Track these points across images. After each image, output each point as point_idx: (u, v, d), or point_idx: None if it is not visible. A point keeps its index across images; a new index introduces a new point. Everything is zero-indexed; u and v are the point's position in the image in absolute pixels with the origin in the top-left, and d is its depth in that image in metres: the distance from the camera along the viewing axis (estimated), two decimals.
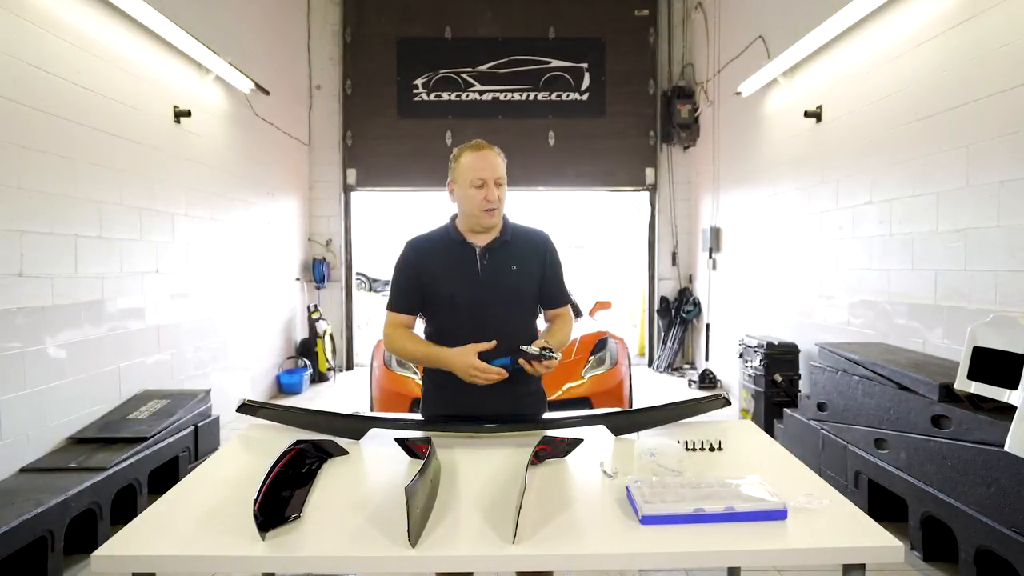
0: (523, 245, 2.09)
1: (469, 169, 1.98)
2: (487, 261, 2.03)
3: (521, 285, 2.06)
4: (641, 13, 7.67)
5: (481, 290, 2.01)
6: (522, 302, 2.09)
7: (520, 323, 2.08)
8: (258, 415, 1.97)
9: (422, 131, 7.60)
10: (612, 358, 4.46)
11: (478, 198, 1.97)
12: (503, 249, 2.05)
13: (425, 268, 2.04)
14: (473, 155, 2.00)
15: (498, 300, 2.02)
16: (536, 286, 2.10)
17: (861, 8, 3.92)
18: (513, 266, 2.04)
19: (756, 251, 5.86)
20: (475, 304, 2.00)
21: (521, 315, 2.09)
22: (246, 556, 1.21)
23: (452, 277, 2.02)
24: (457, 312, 2.01)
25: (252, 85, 5.39)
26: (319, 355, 6.97)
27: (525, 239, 2.11)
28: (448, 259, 2.04)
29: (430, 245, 2.08)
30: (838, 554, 1.23)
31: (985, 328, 2.43)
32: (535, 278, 2.09)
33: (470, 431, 1.91)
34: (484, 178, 1.97)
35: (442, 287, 2.02)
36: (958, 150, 3.29)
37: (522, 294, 2.07)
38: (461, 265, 2.02)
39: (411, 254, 2.08)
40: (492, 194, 1.97)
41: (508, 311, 2.04)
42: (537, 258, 2.10)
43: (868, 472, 3.18)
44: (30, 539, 2.52)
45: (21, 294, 3.06)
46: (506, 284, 2.03)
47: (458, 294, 2.01)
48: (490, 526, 1.31)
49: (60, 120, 3.32)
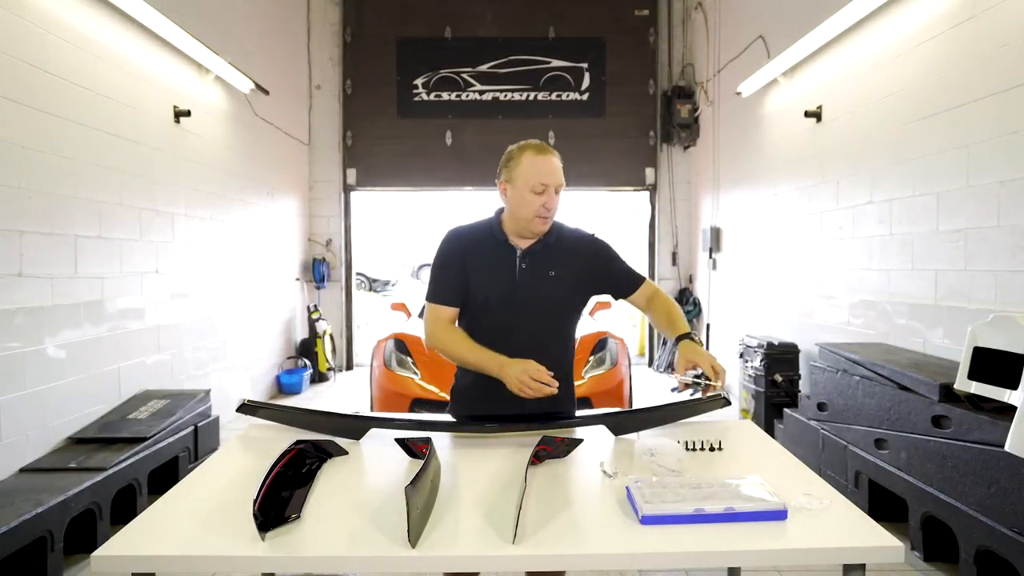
0: (565, 250, 1.99)
1: (531, 172, 1.86)
2: (525, 265, 1.95)
3: (556, 293, 1.96)
4: (641, 13, 7.67)
5: (515, 295, 1.93)
6: (555, 311, 2.00)
7: (550, 332, 2.00)
8: (258, 415, 1.97)
9: (422, 131, 7.60)
10: (612, 358, 4.46)
11: (536, 204, 1.87)
12: (543, 253, 1.96)
13: (466, 262, 1.96)
14: (537, 158, 1.88)
15: (530, 307, 1.94)
16: (578, 293, 2.02)
17: (861, 8, 3.91)
18: (551, 272, 1.95)
19: (756, 251, 5.86)
20: (506, 308, 1.93)
21: (552, 324, 2.00)
22: (246, 556, 1.21)
23: (488, 277, 1.94)
24: (488, 314, 1.94)
25: (252, 85, 5.39)
26: (319, 355, 6.97)
27: (569, 243, 2.01)
28: (488, 258, 1.96)
29: (472, 239, 1.99)
30: (838, 554, 1.23)
31: (985, 328, 2.43)
32: (577, 284, 2.00)
33: (470, 431, 1.91)
34: (547, 184, 1.86)
35: (478, 286, 1.94)
36: (958, 150, 3.29)
37: (556, 303, 1.98)
38: (499, 266, 1.95)
39: (455, 245, 1.99)
40: (552, 202, 1.88)
41: (539, 319, 1.96)
42: (580, 263, 1.99)
43: (868, 472, 3.18)
44: (30, 539, 2.52)
45: (21, 294, 3.05)
46: (541, 291, 1.94)
47: (492, 297, 1.94)
48: (490, 526, 1.31)
49: (60, 120, 3.32)
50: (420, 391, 4.24)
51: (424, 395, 4.22)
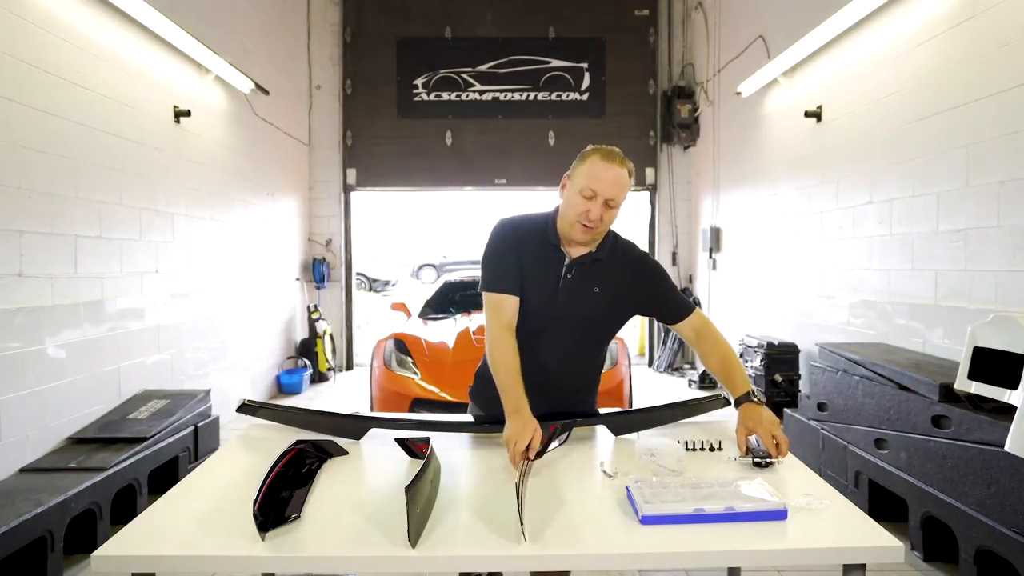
0: (614, 267, 1.88)
1: (587, 175, 1.75)
2: (571, 276, 1.85)
3: (596, 311, 1.87)
4: (641, 13, 7.67)
5: (554, 306, 1.85)
6: (590, 328, 1.91)
7: (580, 347, 1.93)
8: (258, 415, 1.97)
9: (422, 131, 7.61)
10: (612, 358, 4.46)
11: (579, 209, 1.75)
12: (592, 267, 1.86)
13: (521, 257, 1.85)
14: (601, 163, 1.75)
15: (567, 321, 1.86)
16: (618, 313, 1.93)
17: (861, 8, 3.92)
18: (596, 288, 1.85)
19: (756, 251, 5.86)
20: (542, 315, 1.85)
21: (584, 340, 1.92)
22: (246, 556, 1.21)
23: (534, 280, 1.84)
24: (524, 318, 1.83)
25: (252, 85, 5.39)
26: (319, 355, 6.97)
27: (621, 260, 1.90)
28: (535, 258, 1.85)
29: (527, 234, 1.89)
30: (838, 554, 1.23)
31: (985, 328, 2.43)
32: (621, 306, 1.91)
33: (471, 431, 1.91)
34: (596, 191, 1.73)
35: (523, 288, 1.84)
36: (958, 150, 3.29)
37: (593, 320, 1.90)
38: (544, 271, 1.85)
39: (511, 234, 1.88)
40: (595, 212, 1.74)
41: (571, 332, 1.88)
42: (626, 284, 1.89)
43: (868, 472, 3.18)
44: (30, 539, 2.51)
45: (21, 294, 3.05)
46: (580, 306, 1.85)
47: (531, 298, 1.84)
48: (490, 526, 1.31)
49: (60, 120, 3.32)
50: (420, 391, 4.24)
51: (424, 395, 4.22)
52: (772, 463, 1.60)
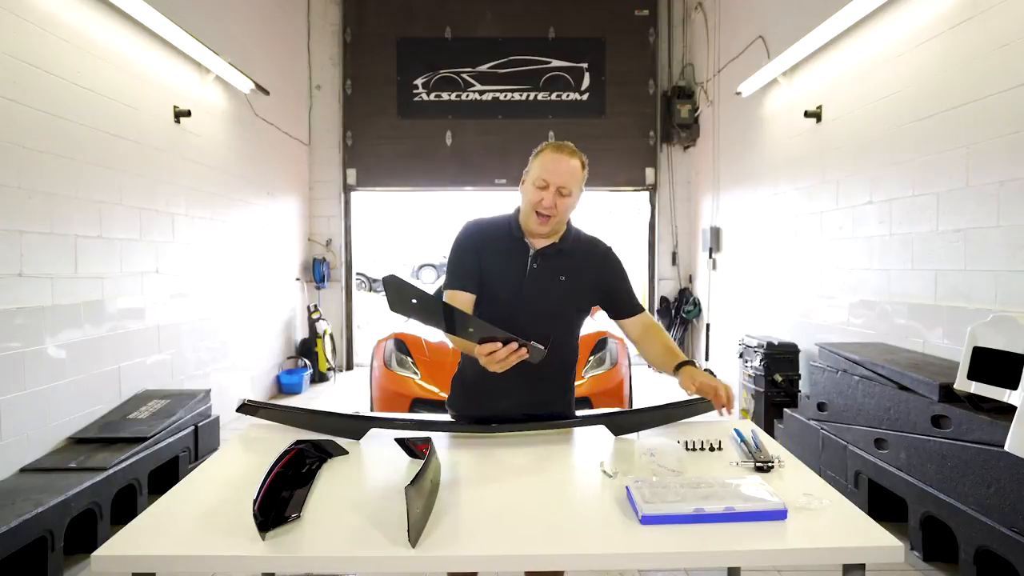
0: (579, 256, 1.99)
1: (540, 166, 1.88)
2: (537, 266, 1.95)
3: (565, 298, 1.97)
4: (641, 13, 7.67)
5: (523, 295, 1.93)
6: (561, 315, 2.00)
7: (557, 336, 1.95)
8: (258, 415, 1.97)
9: (422, 131, 7.60)
10: (612, 358, 4.46)
11: (535, 199, 1.87)
12: (556, 257, 1.96)
13: (483, 254, 1.95)
14: (552, 155, 1.88)
15: (537, 308, 1.94)
16: (584, 300, 2.02)
17: (861, 8, 3.91)
18: (561, 276, 1.95)
19: (756, 251, 5.86)
20: (511, 306, 1.93)
21: (559, 328, 1.99)
22: (246, 556, 1.21)
23: (499, 274, 1.94)
24: (493, 308, 1.93)
25: (252, 85, 5.39)
26: (319, 355, 6.97)
27: (583, 250, 2.01)
28: (502, 254, 1.96)
29: (490, 231, 1.99)
30: (838, 554, 1.23)
31: (985, 328, 2.43)
32: (585, 292, 2.00)
33: (471, 431, 1.91)
34: (548, 180, 1.85)
35: (490, 281, 1.94)
36: (958, 150, 3.29)
37: (564, 306, 1.99)
38: (510, 264, 1.95)
39: (474, 235, 1.99)
40: (548, 200, 1.86)
41: (542, 321, 1.94)
42: (591, 270, 2.00)
43: (868, 472, 3.18)
44: (30, 539, 2.52)
45: (21, 294, 3.06)
46: (549, 294, 1.94)
47: (500, 293, 1.94)
48: (490, 526, 1.31)
49: (60, 120, 3.32)
50: (420, 391, 4.24)
51: (424, 395, 4.22)
52: (772, 466, 1.60)
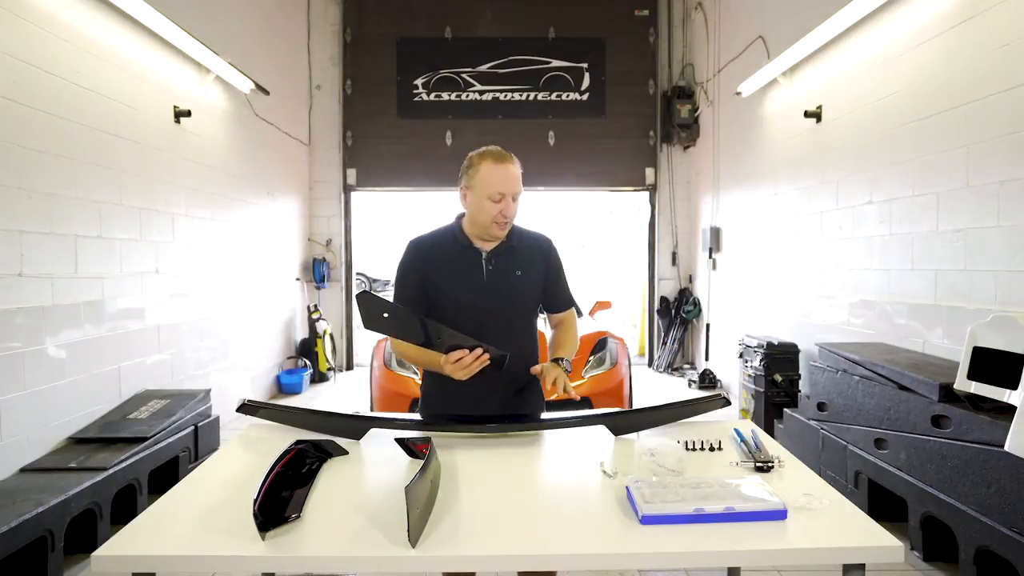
0: (527, 251, 2.08)
1: (490, 181, 1.92)
2: (492, 266, 2.01)
3: (525, 290, 2.06)
4: (641, 13, 7.67)
5: (486, 295, 1.99)
6: (526, 307, 2.10)
7: (522, 327, 2.09)
8: (258, 415, 1.97)
9: (422, 131, 7.60)
10: (612, 358, 4.46)
11: (494, 211, 1.93)
12: (508, 254, 2.04)
13: (430, 270, 2.01)
14: (496, 167, 1.94)
15: (502, 305, 2.01)
16: (539, 291, 2.11)
17: (861, 8, 3.91)
18: (517, 271, 2.03)
19: (756, 251, 5.86)
20: (479, 308, 1.99)
21: (523, 320, 2.09)
22: (246, 556, 1.21)
23: (457, 281, 2.00)
24: (461, 316, 1.97)
25: (252, 85, 5.39)
26: (319, 355, 6.97)
27: (529, 244, 2.10)
28: (453, 262, 2.01)
29: (434, 246, 2.06)
30: (838, 554, 1.23)
31: (985, 328, 2.43)
32: (538, 283, 2.09)
33: (471, 431, 1.91)
34: (504, 192, 1.92)
35: (446, 290, 2.00)
36: (958, 150, 3.29)
37: (525, 299, 2.08)
38: (466, 269, 2.01)
39: (416, 255, 2.05)
40: (509, 209, 1.94)
41: (511, 315, 2.04)
42: (541, 263, 2.10)
43: (868, 472, 3.18)
44: (30, 539, 2.52)
45: (21, 294, 3.05)
46: (510, 289, 2.02)
47: (463, 299, 1.99)
48: (490, 526, 1.31)
49: (60, 120, 3.32)
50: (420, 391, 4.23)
51: None
52: (772, 466, 1.61)
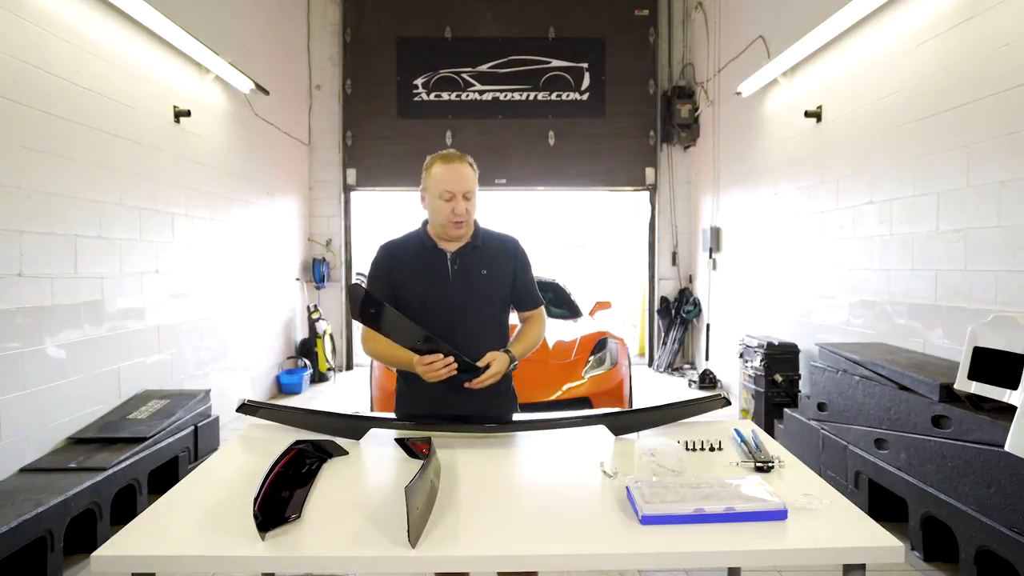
0: (493, 251, 2.12)
1: (439, 181, 1.99)
2: (457, 266, 2.06)
3: (491, 289, 2.10)
4: (641, 13, 7.67)
5: (452, 294, 2.04)
6: (492, 305, 2.12)
7: (490, 324, 2.11)
8: (258, 415, 1.97)
9: (422, 131, 7.60)
10: (612, 358, 4.46)
11: (446, 211, 1.99)
12: (473, 254, 2.08)
13: (397, 272, 2.07)
14: (444, 167, 2.01)
15: (468, 303, 2.05)
16: (506, 289, 2.14)
17: (861, 8, 3.91)
18: (483, 271, 2.07)
19: (756, 251, 5.86)
20: (446, 308, 2.03)
21: (491, 317, 2.12)
22: (246, 556, 1.21)
23: (423, 281, 2.05)
24: (428, 315, 2.01)
25: (252, 85, 5.39)
26: (319, 355, 6.97)
27: (495, 245, 2.14)
28: (419, 264, 2.07)
29: (402, 249, 2.11)
30: (838, 554, 1.23)
31: (985, 328, 2.43)
32: (505, 282, 2.13)
33: (471, 431, 1.91)
34: (453, 191, 1.98)
35: (413, 291, 2.05)
36: (958, 150, 3.29)
37: (492, 297, 2.11)
38: (432, 270, 2.06)
39: (384, 258, 2.11)
40: (460, 207, 1.99)
41: (478, 314, 2.08)
42: (507, 263, 2.13)
43: (868, 472, 3.18)
44: (30, 539, 2.51)
45: (21, 294, 3.05)
46: (476, 288, 2.06)
47: (429, 298, 2.04)
48: (490, 526, 1.31)
49: (60, 120, 3.32)
50: None
51: None
52: (772, 466, 1.61)
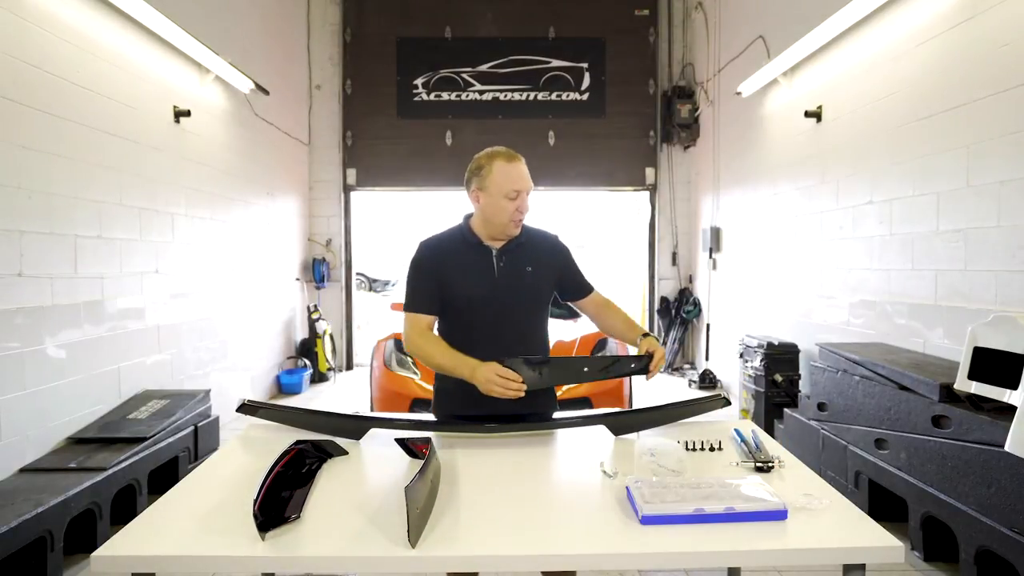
0: (537, 247, 2.11)
1: (504, 180, 1.95)
2: (503, 263, 2.03)
3: (536, 286, 2.08)
4: (641, 13, 7.67)
5: (498, 292, 2.01)
6: (538, 303, 2.11)
7: (535, 323, 2.11)
8: (258, 415, 1.97)
9: (422, 131, 7.60)
10: None
11: (510, 209, 1.97)
12: (518, 251, 2.06)
13: (442, 269, 2.03)
14: (508, 166, 1.97)
15: (514, 301, 2.03)
16: (550, 286, 2.13)
17: (861, 8, 3.91)
18: (528, 267, 2.05)
19: (756, 251, 5.86)
20: (492, 306, 2.01)
21: (536, 315, 2.11)
22: (246, 556, 1.21)
23: (469, 279, 2.01)
24: (474, 313, 2.00)
25: (252, 85, 5.38)
26: (319, 355, 6.97)
27: (539, 242, 2.13)
28: (464, 261, 2.03)
29: (445, 246, 2.08)
30: (838, 554, 1.23)
31: (985, 328, 2.43)
32: (549, 279, 2.11)
33: (471, 431, 1.91)
34: (520, 190, 1.96)
35: (459, 289, 2.01)
36: (958, 150, 3.29)
37: (537, 295, 2.10)
38: (478, 267, 2.03)
39: (427, 255, 2.07)
40: (524, 206, 1.98)
41: (524, 312, 2.06)
42: (551, 259, 2.12)
43: (868, 472, 3.18)
44: (30, 539, 2.51)
45: (21, 294, 3.05)
46: (522, 285, 2.04)
47: (475, 296, 2.01)
48: (490, 526, 1.31)
49: (60, 120, 3.32)
50: (420, 391, 4.24)
51: (424, 395, 4.21)
52: (772, 466, 1.61)
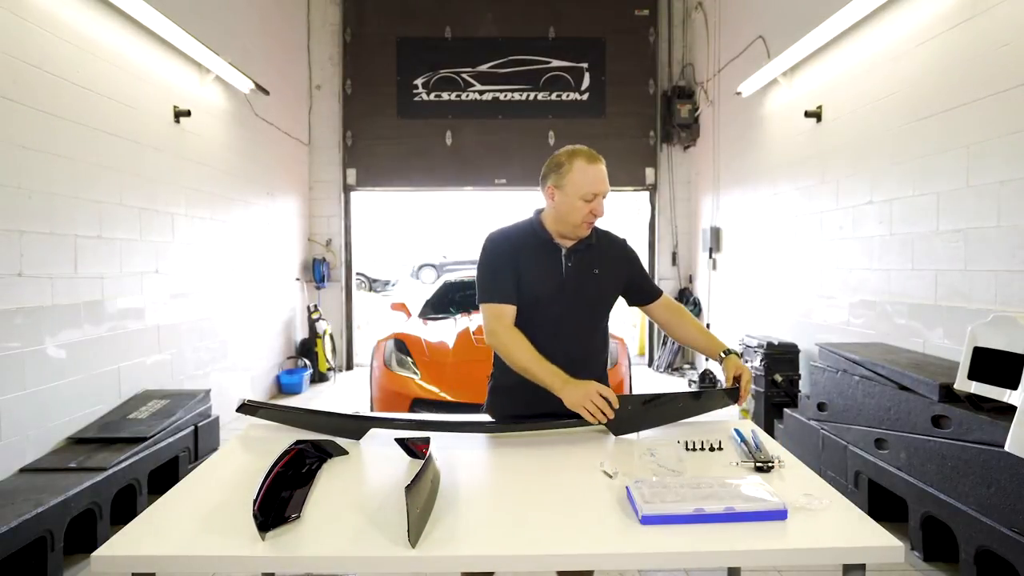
0: (605, 250, 2.09)
1: (584, 181, 1.93)
2: (571, 263, 2.02)
3: (602, 289, 2.06)
4: (641, 13, 7.67)
5: (564, 292, 2.00)
6: (602, 306, 2.10)
7: (597, 325, 2.10)
8: (258, 415, 1.97)
9: (422, 131, 7.61)
10: (612, 358, 4.46)
11: (584, 211, 1.94)
12: (588, 252, 2.04)
13: (516, 261, 2.00)
14: (588, 166, 1.94)
15: (579, 303, 2.02)
16: (616, 291, 2.12)
17: (861, 8, 3.92)
18: (595, 270, 2.03)
19: (756, 251, 5.86)
20: (556, 305, 1.99)
21: (599, 319, 2.11)
22: (246, 556, 1.21)
23: (537, 276, 1.99)
24: (538, 311, 1.98)
25: (252, 85, 5.38)
26: (319, 355, 6.97)
27: (607, 243, 2.12)
28: (534, 257, 2.01)
29: (519, 240, 2.04)
30: (838, 554, 1.23)
31: (985, 328, 2.43)
32: (616, 283, 2.10)
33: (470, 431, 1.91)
34: (597, 192, 1.94)
35: (527, 285, 1.98)
36: (958, 150, 3.29)
37: (603, 298, 2.08)
38: (546, 265, 2.01)
39: (505, 246, 2.03)
40: (599, 209, 1.96)
41: (588, 314, 2.05)
42: (619, 263, 2.11)
43: (868, 472, 3.18)
44: (30, 539, 2.52)
45: (21, 294, 3.05)
46: (588, 287, 2.02)
47: (542, 295, 1.99)
48: (490, 526, 1.31)
49: (60, 120, 3.32)
50: (420, 391, 4.24)
51: (424, 395, 4.22)
52: (772, 466, 1.61)
